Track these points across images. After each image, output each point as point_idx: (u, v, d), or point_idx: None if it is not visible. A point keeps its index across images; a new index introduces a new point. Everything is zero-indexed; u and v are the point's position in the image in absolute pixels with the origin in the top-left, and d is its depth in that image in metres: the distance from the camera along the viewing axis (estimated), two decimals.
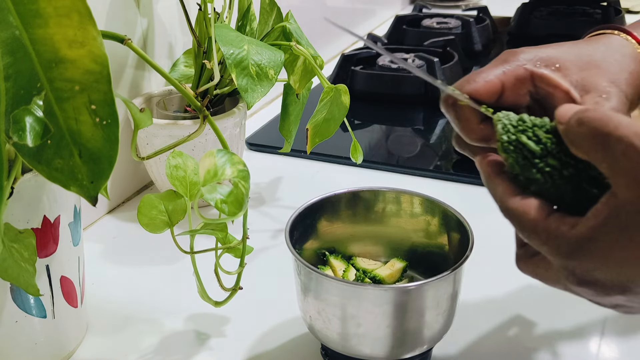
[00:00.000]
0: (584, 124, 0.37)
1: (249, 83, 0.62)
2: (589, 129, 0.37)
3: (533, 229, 0.40)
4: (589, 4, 1.54)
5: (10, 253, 0.46)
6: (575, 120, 0.38)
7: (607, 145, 0.36)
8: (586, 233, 0.37)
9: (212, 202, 0.48)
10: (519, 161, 0.41)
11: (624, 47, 0.48)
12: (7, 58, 0.39)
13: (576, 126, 0.38)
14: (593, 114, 0.37)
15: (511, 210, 0.41)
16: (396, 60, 0.46)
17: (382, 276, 0.58)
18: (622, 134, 0.35)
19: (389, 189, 0.59)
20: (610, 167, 0.36)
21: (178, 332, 0.60)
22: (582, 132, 0.38)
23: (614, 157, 0.36)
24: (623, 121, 0.36)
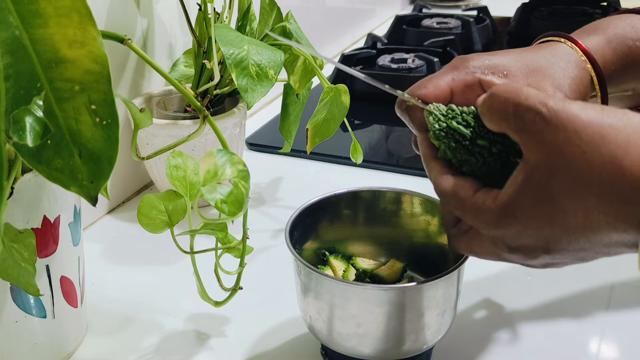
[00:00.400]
0: (495, 96, 0.41)
1: (249, 83, 0.62)
2: (500, 100, 0.41)
3: (462, 206, 0.43)
4: (589, 4, 1.54)
5: (10, 253, 0.46)
6: (488, 95, 0.42)
7: (517, 115, 0.40)
8: (507, 200, 0.40)
9: (212, 202, 0.48)
10: (451, 146, 0.45)
11: (568, 54, 0.50)
12: (7, 58, 0.39)
13: (489, 99, 0.41)
14: (504, 87, 0.41)
15: (443, 191, 0.45)
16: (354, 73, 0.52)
17: (382, 276, 0.58)
18: (530, 103, 0.39)
19: (389, 189, 0.59)
20: (520, 134, 0.40)
21: (178, 332, 0.60)
22: (494, 104, 0.41)
23: (524, 124, 0.39)
24: (531, 92, 0.39)
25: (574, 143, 0.37)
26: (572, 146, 0.37)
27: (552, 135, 0.38)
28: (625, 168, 0.36)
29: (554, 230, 0.39)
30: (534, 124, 0.39)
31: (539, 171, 0.39)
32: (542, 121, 0.38)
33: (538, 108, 0.39)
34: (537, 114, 0.38)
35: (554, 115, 0.38)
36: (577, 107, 0.38)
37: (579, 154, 0.37)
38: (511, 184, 0.40)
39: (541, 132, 0.38)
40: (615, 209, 0.37)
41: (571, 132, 0.37)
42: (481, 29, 1.44)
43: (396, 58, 1.17)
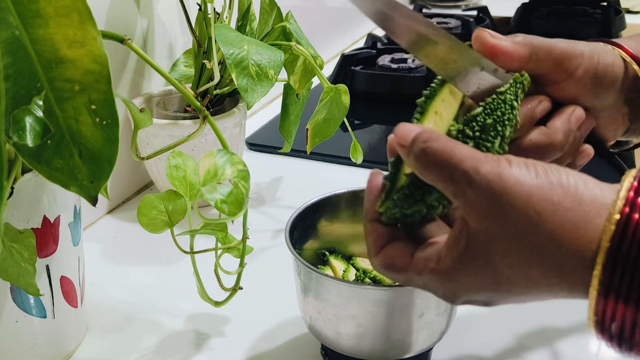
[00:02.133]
0: (428, 155, 0.38)
1: (249, 83, 0.62)
2: (434, 161, 0.38)
3: (405, 276, 0.42)
4: (589, 4, 1.54)
5: (10, 253, 0.46)
6: (419, 150, 0.39)
7: (453, 179, 0.38)
8: (451, 265, 0.39)
9: (212, 202, 0.48)
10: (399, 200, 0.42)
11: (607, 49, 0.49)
12: (7, 58, 0.39)
13: (422, 156, 0.39)
14: (436, 145, 0.38)
15: (377, 266, 0.43)
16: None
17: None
18: (465, 169, 0.37)
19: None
20: (458, 198, 0.38)
21: (178, 332, 0.60)
22: (428, 162, 0.39)
23: (462, 189, 0.37)
24: (465, 154, 0.37)
25: (513, 212, 0.36)
26: (512, 216, 0.36)
27: (490, 206, 0.36)
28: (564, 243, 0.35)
29: (497, 292, 0.39)
30: (470, 192, 0.37)
31: (481, 239, 0.38)
32: (478, 190, 0.37)
33: (472, 176, 0.37)
34: (472, 182, 0.37)
35: (488, 183, 0.36)
36: (515, 170, 0.37)
37: (521, 224, 0.36)
38: (453, 247, 0.39)
39: (478, 202, 0.37)
40: (559, 280, 0.36)
41: (509, 200, 0.36)
42: None
43: (396, 58, 1.17)
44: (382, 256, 0.43)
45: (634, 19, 1.67)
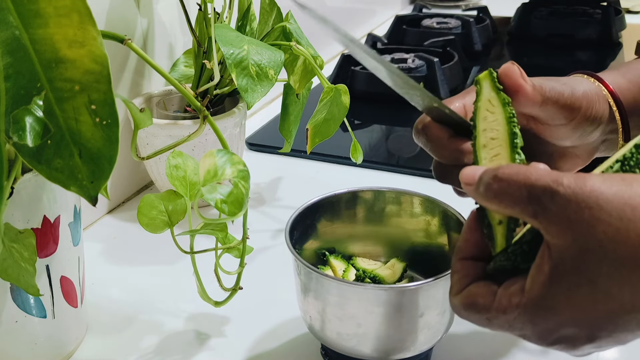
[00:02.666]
0: (502, 180, 0.37)
1: (249, 83, 0.62)
2: (509, 184, 0.37)
3: (487, 317, 0.39)
4: (589, 4, 1.54)
5: (10, 253, 0.46)
6: (490, 177, 0.38)
7: (532, 198, 0.36)
8: (539, 293, 0.36)
9: (212, 202, 0.48)
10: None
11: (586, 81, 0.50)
12: (7, 58, 0.39)
13: (494, 182, 0.37)
14: (508, 170, 0.37)
15: (456, 306, 0.40)
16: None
17: (382, 276, 0.58)
18: (544, 184, 0.35)
19: (389, 189, 0.59)
20: (539, 219, 0.36)
21: (178, 332, 0.60)
22: (501, 188, 0.37)
23: (543, 205, 0.35)
24: (541, 171, 0.36)
25: (603, 219, 0.34)
26: (602, 223, 0.34)
27: (576, 215, 0.34)
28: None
29: (598, 316, 0.35)
30: (553, 205, 0.35)
31: (570, 255, 0.35)
32: (563, 201, 0.35)
33: (554, 187, 0.35)
34: (555, 194, 0.35)
35: (573, 192, 0.34)
36: (597, 180, 0.35)
37: (612, 230, 0.34)
38: (538, 274, 0.36)
39: (563, 213, 0.35)
40: None
41: (597, 208, 0.34)
42: (481, 29, 1.44)
43: (396, 58, 1.17)
44: (464, 295, 0.40)
45: (634, 19, 1.67)
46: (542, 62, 1.40)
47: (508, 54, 1.46)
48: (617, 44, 1.45)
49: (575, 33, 1.47)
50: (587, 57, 1.42)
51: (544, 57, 1.42)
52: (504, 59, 1.43)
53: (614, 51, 1.42)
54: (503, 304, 0.38)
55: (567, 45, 1.45)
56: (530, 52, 1.45)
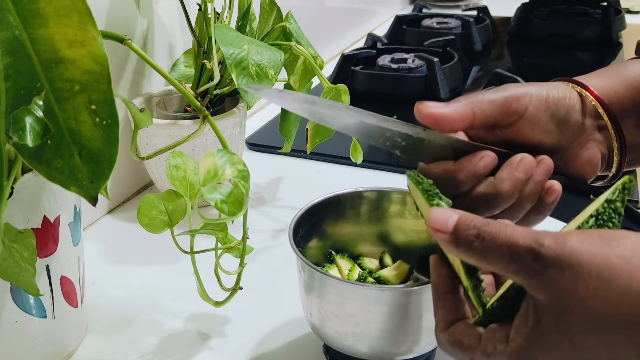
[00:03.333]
0: (486, 239, 0.38)
1: (249, 83, 0.62)
2: (492, 244, 0.37)
3: (472, 357, 0.40)
4: (589, 4, 1.54)
5: (10, 253, 0.46)
6: (473, 235, 0.38)
7: (514, 257, 0.36)
8: (522, 344, 0.37)
9: (212, 202, 0.48)
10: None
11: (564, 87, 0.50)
12: (7, 58, 0.39)
13: (476, 241, 0.38)
14: (490, 229, 0.38)
15: (443, 342, 0.42)
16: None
17: (387, 277, 0.57)
18: (528, 244, 0.36)
19: (395, 189, 0.59)
20: (522, 276, 0.37)
21: (178, 332, 0.60)
22: (485, 247, 0.38)
23: (526, 265, 0.36)
24: (522, 232, 0.37)
25: (583, 278, 0.35)
26: (583, 282, 0.35)
27: (558, 275, 0.35)
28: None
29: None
30: (536, 265, 0.36)
31: (552, 312, 0.36)
32: (543, 261, 0.36)
33: (533, 247, 0.36)
34: (537, 254, 0.36)
35: (554, 253, 0.35)
36: (576, 240, 0.36)
37: (592, 289, 0.35)
38: (522, 326, 0.38)
39: (546, 273, 0.36)
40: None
41: (577, 268, 0.35)
42: (481, 29, 1.44)
43: (396, 58, 1.17)
44: (450, 333, 0.41)
45: (634, 19, 1.67)
46: (542, 62, 1.40)
47: (508, 54, 1.46)
48: (617, 44, 1.45)
49: (575, 33, 1.47)
50: (587, 57, 1.42)
51: (544, 57, 1.42)
52: (504, 59, 1.43)
53: (614, 51, 1.42)
54: (488, 349, 0.39)
55: (567, 45, 1.46)
56: (530, 52, 1.45)
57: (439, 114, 0.46)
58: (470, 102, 0.47)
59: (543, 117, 0.48)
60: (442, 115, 0.46)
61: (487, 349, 0.39)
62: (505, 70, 1.13)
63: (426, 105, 0.46)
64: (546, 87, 0.49)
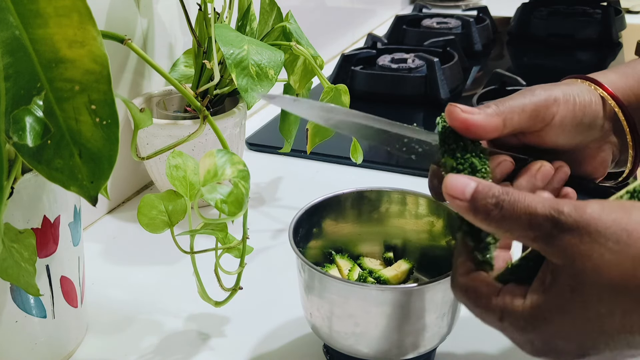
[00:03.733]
0: (505, 207, 0.38)
1: (249, 83, 0.62)
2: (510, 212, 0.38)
3: (486, 304, 0.40)
4: (589, 4, 1.54)
5: (10, 253, 0.46)
6: (492, 204, 0.39)
7: (533, 225, 0.37)
8: (537, 302, 0.38)
9: (212, 202, 0.48)
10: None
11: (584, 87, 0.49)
12: (7, 58, 0.39)
13: (495, 209, 0.38)
14: (509, 197, 0.38)
15: (462, 285, 0.41)
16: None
17: (387, 277, 0.57)
18: (545, 211, 0.37)
19: (395, 189, 0.58)
20: (539, 243, 0.37)
21: (178, 332, 0.60)
22: (504, 216, 0.38)
23: (542, 233, 0.37)
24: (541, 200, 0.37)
25: (600, 244, 0.35)
26: (599, 247, 0.35)
27: (576, 240, 0.36)
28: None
29: (588, 334, 0.37)
30: (554, 231, 0.37)
31: (567, 275, 0.36)
32: (561, 228, 0.36)
33: (553, 215, 0.36)
34: (556, 221, 0.36)
35: (573, 220, 0.36)
36: (596, 207, 0.36)
37: (608, 254, 0.35)
38: (539, 286, 0.38)
39: (562, 239, 0.36)
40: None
41: (594, 233, 0.36)
42: (481, 29, 1.44)
43: (396, 58, 1.17)
44: (470, 278, 0.41)
45: (634, 19, 1.67)
46: (542, 62, 1.40)
47: (508, 54, 1.46)
48: (617, 44, 1.45)
49: (575, 33, 1.47)
50: (587, 57, 1.42)
51: (544, 57, 1.42)
52: (504, 59, 1.43)
53: (614, 51, 1.42)
54: (504, 301, 0.39)
55: (567, 45, 1.46)
56: (530, 52, 1.45)
57: (471, 122, 0.45)
58: (502, 112, 0.46)
59: (569, 124, 0.47)
60: (474, 123, 0.45)
61: (503, 302, 0.39)
62: (505, 70, 1.13)
63: (460, 109, 0.45)
64: (571, 90, 0.48)
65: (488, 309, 0.40)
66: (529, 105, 0.47)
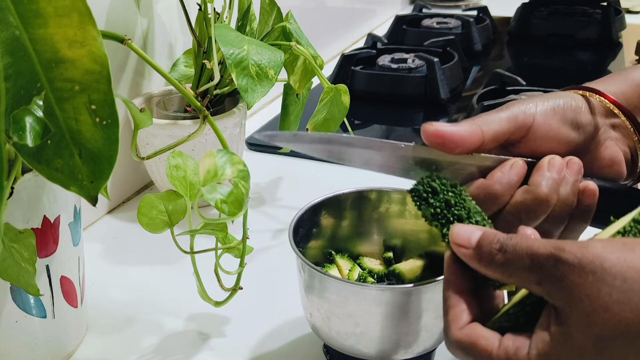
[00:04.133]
0: (508, 251, 0.38)
1: (249, 83, 0.62)
2: (514, 254, 0.37)
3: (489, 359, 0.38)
4: (589, 4, 1.54)
5: (10, 253, 0.46)
6: (496, 249, 0.38)
7: (534, 266, 0.36)
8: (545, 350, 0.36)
9: (212, 202, 0.48)
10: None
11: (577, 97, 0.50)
12: (7, 58, 0.39)
13: (498, 254, 0.38)
14: (511, 240, 0.38)
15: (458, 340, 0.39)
16: None
17: (402, 270, 0.57)
18: (546, 251, 0.36)
19: (395, 189, 0.58)
20: (542, 285, 0.36)
21: (178, 332, 0.60)
22: (507, 259, 0.38)
23: (545, 275, 0.36)
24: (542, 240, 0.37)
25: (607, 282, 0.34)
26: (607, 286, 0.34)
27: (581, 279, 0.34)
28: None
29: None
30: (556, 271, 0.35)
31: (575, 317, 0.35)
32: (566, 266, 0.35)
33: (554, 253, 0.36)
34: (558, 260, 0.35)
35: (576, 257, 0.35)
36: (598, 246, 0.35)
37: (616, 293, 0.34)
38: (544, 333, 0.36)
39: (568, 278, 0.35)
40: None
41: (600, 272, 0.34)
42: (481, 29, 1.44)
43: (396, 58, 1.17)
44: (467, 334, 0.39)
45: (634, 19, 1.67)
46: (542, 62, 1.40)
47: (508, 54, 1.46)
48: (617, 44, 1.45)
49: (575, 33, 1.47)
50: (587, 57, 1.42)
51: (544, 57, 1.42)
52: (504, 59, 1.43)
53: (614, 51, 1.42)
54: (507, 354, 0.37)
55: (567, 45, 1.46)
56: (530, 52, 1.45)
57: (445, 133, 0.45)
58: (477, 122, 0.46)
59: (553, 122, 0.47)
60: (449, 134, 0.45)
61: (506, 354, 0.37)
62: (505, 70, 1.13)
63: (431, 124, 0.45)
64: (549, 96, 0.49)
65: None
66: (505, 113, 0.47)
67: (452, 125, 0.46)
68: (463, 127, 0.46)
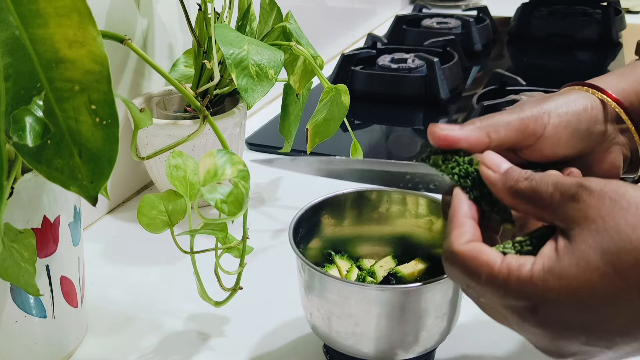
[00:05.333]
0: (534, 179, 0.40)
1: (249, 83, 0.62)
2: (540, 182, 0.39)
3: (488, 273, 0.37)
4: (589, 4, 1.54)
5: (10, 253, 0.46)
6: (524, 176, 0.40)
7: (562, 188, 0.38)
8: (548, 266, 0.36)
9: (212, 202, 0.48)
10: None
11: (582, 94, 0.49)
12: (7, 58, 0.39)
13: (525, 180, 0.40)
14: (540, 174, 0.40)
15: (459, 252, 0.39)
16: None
17: (403, 274, 0.57)
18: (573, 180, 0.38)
19: (395, 189, 0.58)
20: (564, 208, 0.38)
21: (178, 332, 0.60)
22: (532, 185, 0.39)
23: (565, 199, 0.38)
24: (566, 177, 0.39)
25: (623, 208, 0.35)
26: (621, 211, 0.35)
27: (599, 203, 0.36)
28: None
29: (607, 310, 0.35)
30: (576, 195, 0.37)
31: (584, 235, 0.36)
32: (587, 191, 0.37)
33: (580, 181, 0.37)
34: (581, 185, 0.37)
35: (598, 186, 0.37)
36: (622, 183, 0.37)
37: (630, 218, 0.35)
38: (549, 250, 0.37)
39: (585, 201, 0.36)
40: None
41: (619, 199, 0.36)
42: (481, 29, 1.44)
43: (396, 58, 1.17)
44: (469, 247, 0.39)
45: (634, 19, 1.67)
46: (542, 62, 1.40)
47: (508, 54, 1.46)
48: (617, 44, 1.45)
49: (575, 33, 1.47)
50: (587, 57, 1.42)
51: (544, 57, 1.42)
52: (504, 59, 1.43)
53: (614, 51, 1.42)
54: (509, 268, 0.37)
55: (567, 45, 1.46)
56: (530, 52, 1.45)
57: (452, 137, 0.45)
58: (485, 126, 0.46)
59: (564, 134, 0.47)
60: (456, 139, 0.45)
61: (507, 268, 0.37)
62: (505, 70, 1.13)
63: (439, 127, 0.45)
64: (564, 100, 0.47)
65: (489, 279, 0.37)
66: (515, 121, 0.46)
67: (460, 128, 0.45)
68: (471, 132, 0.45)
